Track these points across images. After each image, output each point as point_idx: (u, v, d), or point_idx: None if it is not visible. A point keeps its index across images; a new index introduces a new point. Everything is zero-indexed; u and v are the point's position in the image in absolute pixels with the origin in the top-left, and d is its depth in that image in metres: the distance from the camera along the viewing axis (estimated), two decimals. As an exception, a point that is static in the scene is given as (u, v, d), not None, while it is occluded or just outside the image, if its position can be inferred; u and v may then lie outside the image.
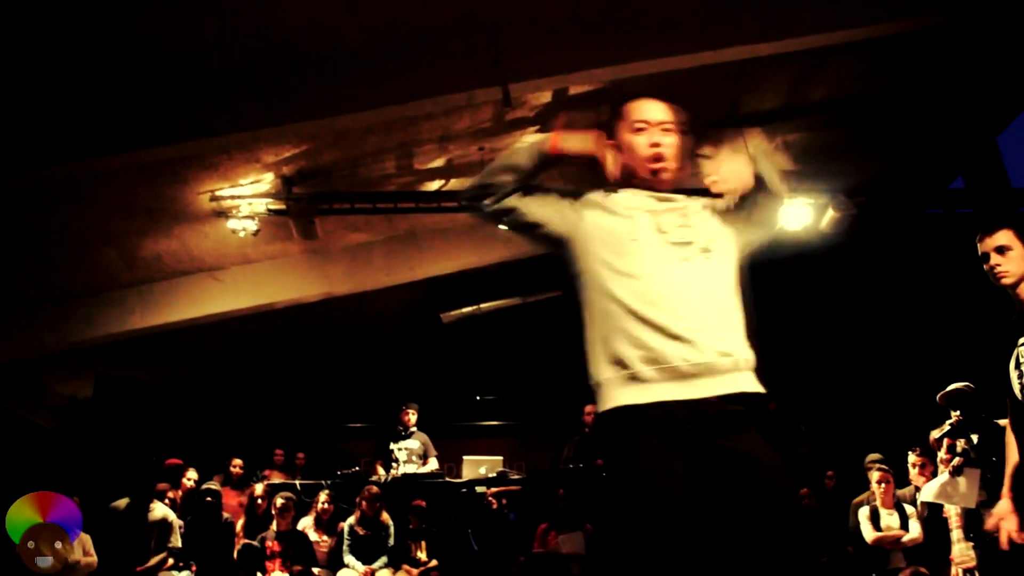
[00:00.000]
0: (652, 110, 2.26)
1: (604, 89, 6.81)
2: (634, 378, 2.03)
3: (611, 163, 2.26)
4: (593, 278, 2.15)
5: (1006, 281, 3.19)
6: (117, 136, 6.14)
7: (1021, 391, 3.15)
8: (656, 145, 2.22)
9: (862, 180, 8.66)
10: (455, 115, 7.13)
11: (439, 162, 8.12)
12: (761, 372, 2.13)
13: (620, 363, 2.05)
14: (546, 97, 7.14)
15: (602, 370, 2.09)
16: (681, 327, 2.03)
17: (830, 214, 8.18)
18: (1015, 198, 8.92)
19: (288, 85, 6.20)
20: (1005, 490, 3.29)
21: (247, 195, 7.69)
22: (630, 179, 2.26)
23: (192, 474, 8.02)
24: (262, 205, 7.71)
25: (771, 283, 5.06)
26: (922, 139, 9.06)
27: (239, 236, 7.85)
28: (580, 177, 2.32)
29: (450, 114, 7.07)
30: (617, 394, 2.04)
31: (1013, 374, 3.19)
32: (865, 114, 8.37)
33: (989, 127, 9.12)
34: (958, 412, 5.46)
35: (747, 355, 2.11)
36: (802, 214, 8.20)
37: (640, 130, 2.24)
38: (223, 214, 7.78)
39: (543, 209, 2.25)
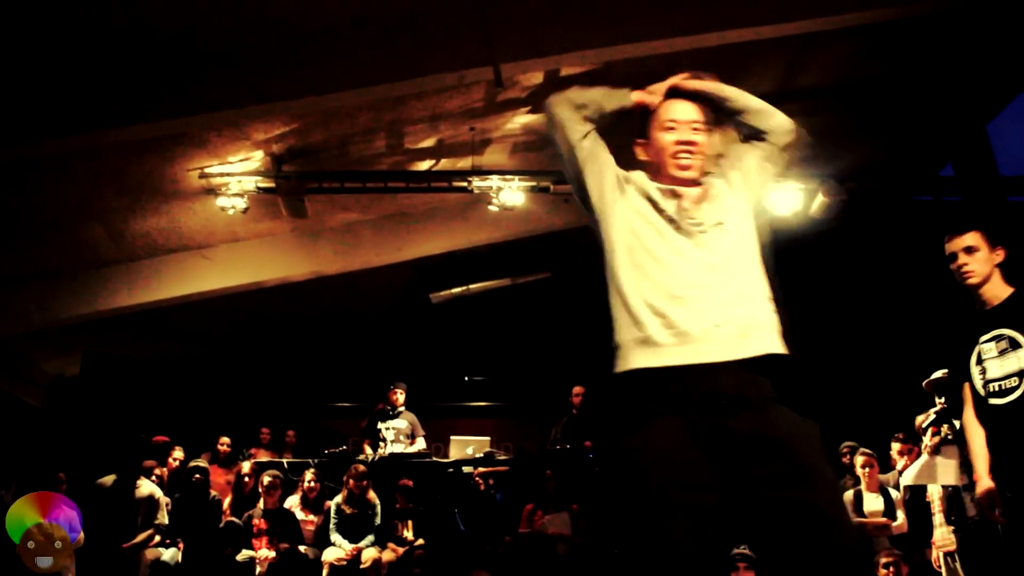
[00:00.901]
0: (682, 110, 2.34)
1: (596, 70, 6.79)
2: (647, 341, 2.10)
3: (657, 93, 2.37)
4: (618, 254, 2.23)
5: (972, 281, 3.36)
6: (107, 112, 6.09)
7: (983, 386, 3.29)
8: (683, 143, 2.31)
9: (852, 166, 8.68)
10: (446, 95, 7.10)
11: (430, 142, 8.09)
12: (787, 336, 2.18)
13: (637, 328, 2.12)
14: (537, 78, 7.12)
15: (619, 334, 2.17)
16: (696, 295, 2.11)
17: (820, 199, 8.21)
18: (1004, 186, 8.95)
19: (279, 63, 6.16)
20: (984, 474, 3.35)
21: (236, 173, 7.65)
22: (656, 173, 2.35)
23: (179, 452, 8.03)
24: (251, 183, 7.69)
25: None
26: (912, 126, 9.08)
27: (228, 214, 7.83)
28: (628, 160, 2.40)
29: (441, 94, 7.05)
30: (632, 357, 2.11)
31: (975, 370, 3.34)
32: (856, 100, 8.38)
33: (979, 115, 9.13)
34: (943, 399, 5.51)
35: (765, 318, 2.16)
36: (792, 199, 8.24)
37: (670, 129, 2.33)
38: (212, 191, 7.75)
39: (600, 163, 2.32)
